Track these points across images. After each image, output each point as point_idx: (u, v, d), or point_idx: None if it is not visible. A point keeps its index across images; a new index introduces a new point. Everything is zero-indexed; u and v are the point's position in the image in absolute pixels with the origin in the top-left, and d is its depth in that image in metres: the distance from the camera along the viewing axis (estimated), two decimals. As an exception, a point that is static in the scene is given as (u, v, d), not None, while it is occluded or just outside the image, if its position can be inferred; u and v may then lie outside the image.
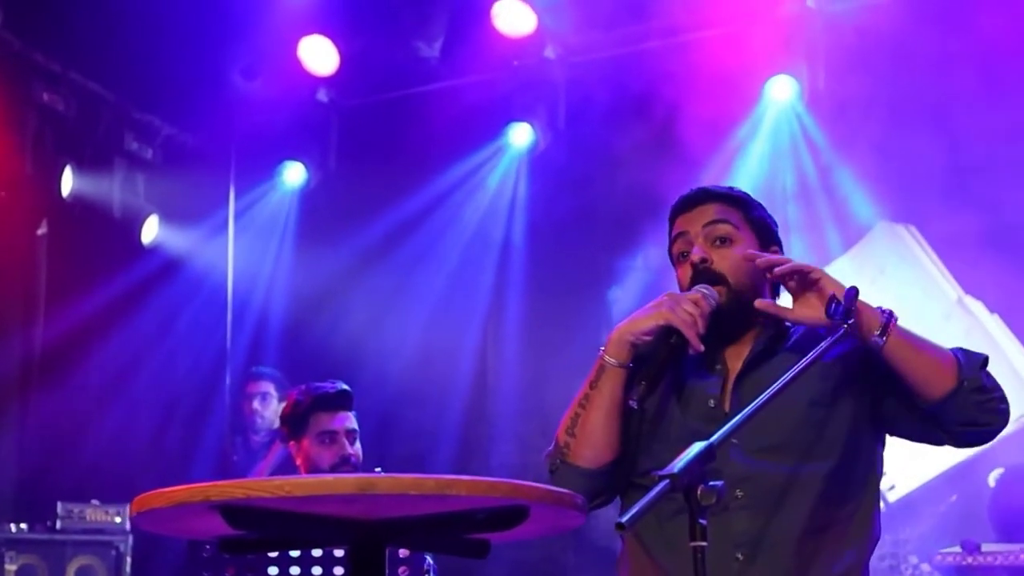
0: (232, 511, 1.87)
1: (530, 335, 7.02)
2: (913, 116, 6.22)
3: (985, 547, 4.78)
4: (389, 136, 7.22)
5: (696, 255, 2.68)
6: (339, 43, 6.95)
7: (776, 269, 2.55)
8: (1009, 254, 5.99)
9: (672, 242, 2.78)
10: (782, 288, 2.73)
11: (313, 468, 4.14)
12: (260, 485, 1.82)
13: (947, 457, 6.17)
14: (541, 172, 7.04)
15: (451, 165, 7.06)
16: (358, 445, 4.22)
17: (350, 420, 4.22)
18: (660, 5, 6.68)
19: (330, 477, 1.83)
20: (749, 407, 2.21)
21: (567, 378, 6.99)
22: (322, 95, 7.29)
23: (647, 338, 2.60)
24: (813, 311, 2.52)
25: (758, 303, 2.58)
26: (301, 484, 1.82)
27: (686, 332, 2.53)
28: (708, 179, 6.64)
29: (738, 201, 2.77)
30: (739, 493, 2.54)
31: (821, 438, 2.58)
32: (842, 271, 6.06)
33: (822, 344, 2.38)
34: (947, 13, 6.18)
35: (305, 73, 7.03)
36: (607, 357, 2.65)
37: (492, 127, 6.96)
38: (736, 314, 2.66)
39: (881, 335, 2.48)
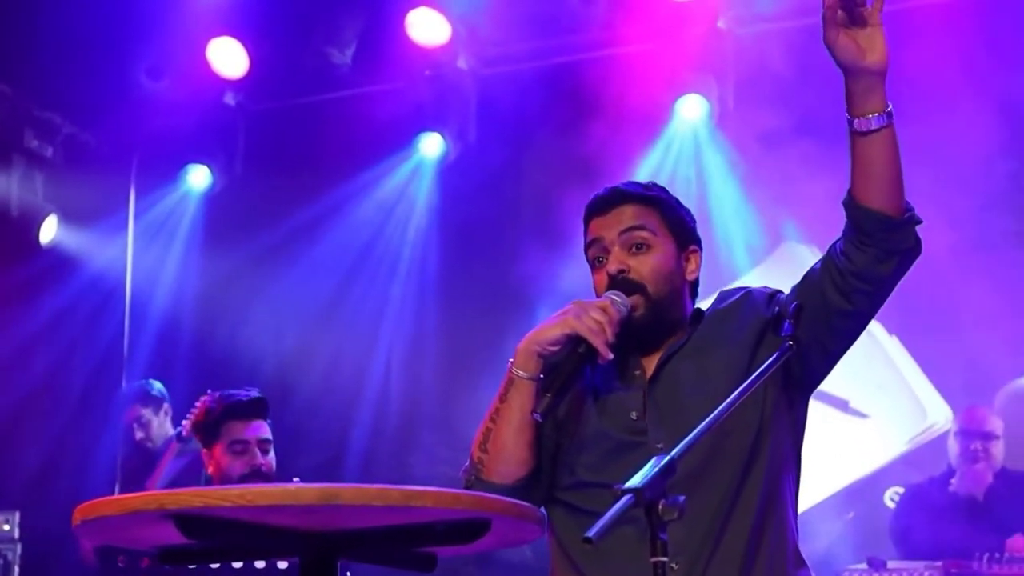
0: (187, 520, 1.82)
1: (440, 345, 6.99)
2: (819, 139, 6.32)
3: (891, 564, 4.86)
4: (298, 142, 7.15)
5: (613, 267, 2.62)
6: (249, 46, 6.85)
7: None
8: (907, 277, 6.13)
9: (588, 246, 2.71)
10: (699, 286, 2.72)
11: (224, 477, 4.06)
12: (220, 494, 1.78)
13: (843, 475, 6.29)
14: (451, 182, 7.02)
15: (361, 173, 7.01)
16: (271, 455, 4.15)
17: (263, 429, 4.14)
18: (573, 20, 6.72)
19: (292, 487, 1.78)
20: (703, 423, 2.20)
21: (475, 389, 7.03)
22: (229, 98, 7.17)
23: (554, 348, 2.54)
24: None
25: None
26: (263, 493, 1.78)
27: (593, 341, 2.48)
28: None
29: (655, 201, 2.69)
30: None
31: (743, 430, 2.54)
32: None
33: (767, 361, 2.38)
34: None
35: (213, 75, 6.91)
36: (515, 369, 2.59)
37: (402, 136, 6.92)
38: (654, 323, 2.62)
39: (887, 117, 2.42)
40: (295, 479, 3.96)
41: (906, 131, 2.54)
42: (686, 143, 6.75)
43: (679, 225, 2.70)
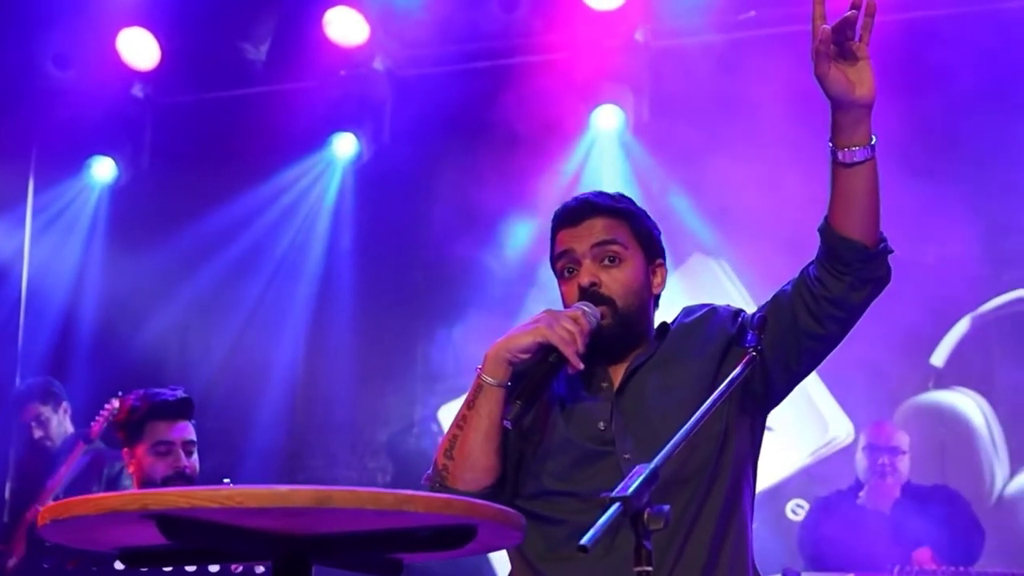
0: (170, 521, 1.76)
1: (346, 348, 6.93)
2: (732, 154, 6.40)
3: (804, 576, 4.93)
4: (208, 137, 7.01)
5: (585, 280, 2.61)
6: (161, 37, 6.72)
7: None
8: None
9: (557, 258, 2.70)
10: (660, 301, 2.73)
11: (146, 479, 3.95)
12: (207, 495, 1.72)
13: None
14: (365, 183, 6.96)
15: (273, 171, 6.91)
16: (195, 457, 4.05)
17: (188, 431, 4.04)
18: (493, 27, 6.71)
19: (285, 488, 1.72)
20: (680, 432, 2.19)
21: (380, 394, 7.00)
22: (138, 90, 7.01)
23: (524, 356, 2.52)
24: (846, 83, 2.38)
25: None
26: (252, 495, 1.72)
27: (564, 350, 2.46)
28: (532, 204, 6.71)
29: (625, 214, 2.69)
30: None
31: (708, 442, 2.55)
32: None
33: (734, 373, 2.39)
34: (765, 56, 6.38)
35: (123, 66, 6.76)
36: (484, 376, 2.55)
37: (316, 135, 6.84)
38: (621, 334, 2.62)
39: (871, 150, 2.43)
40: (226, 480, 3.87)
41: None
42: (601, 153, 6.79)
43: (648, 238, 2.71)
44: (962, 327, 6.50)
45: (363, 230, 6.98)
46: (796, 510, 6.32)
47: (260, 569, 3.33)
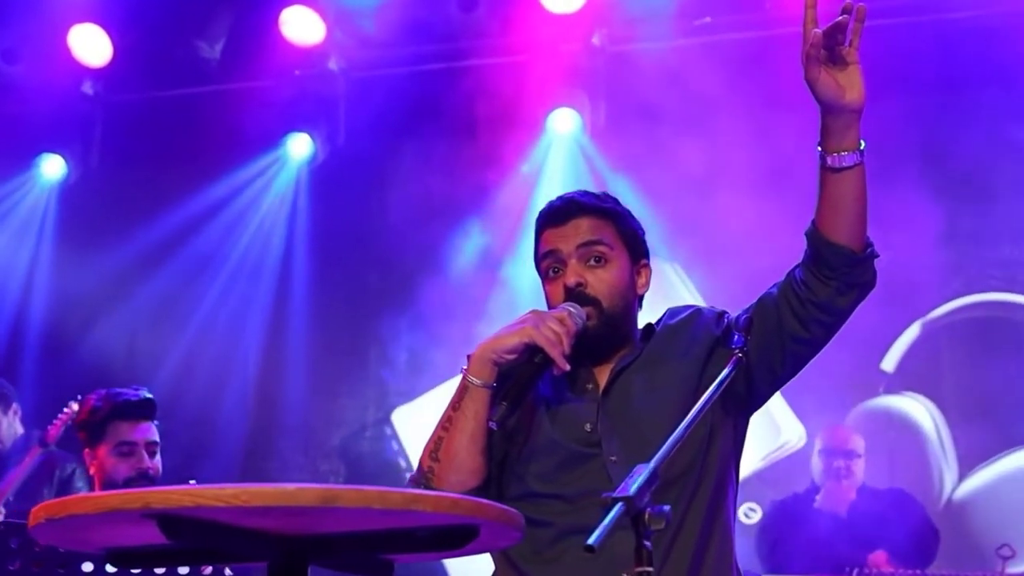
0: (172, 520, 1.73)
1: (301, 350, 6.88)
2: (687, 158, 6.43)
3: (764, 579, 4.95)
4: (161, 136, 6.92)
5: (571, 280, 2.60)
6: (113, 34, 6.63)
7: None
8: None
9: (542, 257, 2.69)
10: (644, 301, 2.73)
11: (108, 480, 3.89)
12: (213, 494, 1.69)
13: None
14: (320, 184, 6.91)
15: (227, 171, 6.85)
16: (158, 458, 4.00)
17: (151, 431, 3.99)
18: (450, 28, 6.70)
19: (292, 487, 1.70)
20: (674, 434, 2.19)
21: (333, 396, 6.95)
22: (88, 87, 6.92)
23: (510, 356, 2.50)
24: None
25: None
26: (259, 494, 1.69)
27: (551, 351, 2.45)
28: (488, 207, 6.71)
29: (610, 214, 2.68)
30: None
31: (693, 444, 2.54)
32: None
33: (723, 374, 2.39)
34: (720, 62, 6.42)
35: (73, 62, 6.67)
36: (470, 376, 2.54)
37: (270, 135, 6.79)
38: (606, 335, 2.61)
39: (860, 155, 2.43)
40: (191, 481, 3.81)
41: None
42: (557, 156, 6.79)
43: (633, 239, 2.70)
44: (912, 333, 6.57)
45: (318, 231, 6.94)
46: (749, 513, 6.35)
47: (228, 572, 3.29)
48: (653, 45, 6.69)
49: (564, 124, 6.68)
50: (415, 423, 6.87)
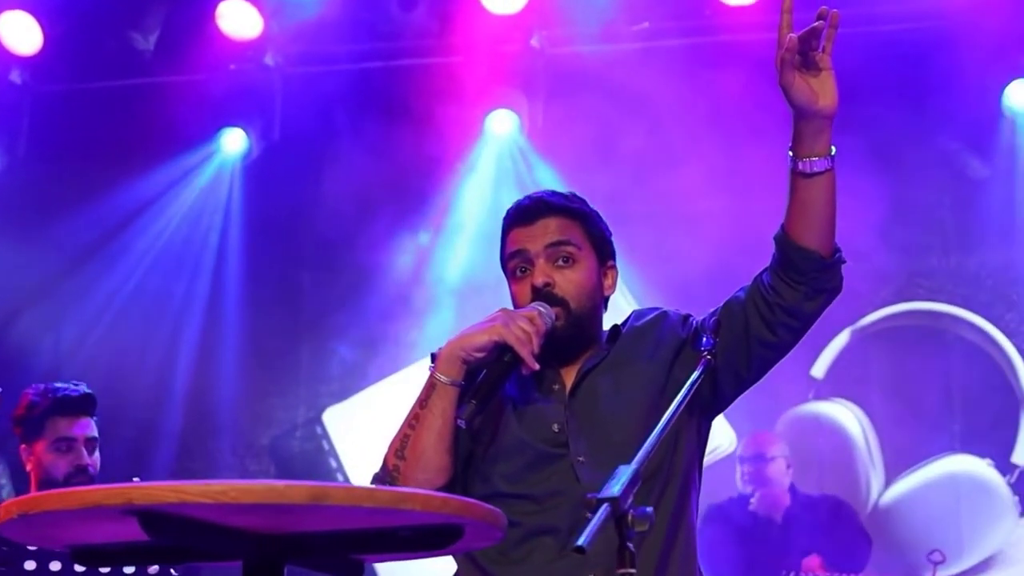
0: (154, 517, 1.68)
1: (231, 348, 6.78)
2: (624, 161, 6.45)
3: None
4: (91, 128, 6.76)
5: (539, 280, 2.60)
6: (44, 22, 6.47)
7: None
8: (703, 302, 6.31)
9: (509, 257, 2.68)
10: (609, 303, 2.73)
11: (46, 476, 3.80)
12: (199, 490, 1.64)
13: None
14: (253, 181, 6.83)
15: (159, 164, 6.71)
16: (97, 455, 3.91)
17: (91, 427, 3.90)
18: (390, 27, 6.66)
19: (281, 484, 1.66)
20: (653, 434, 2.18)
21: (264, 395, 6.86)
22: (16, 76, 6.75)
23: (479, 355, 2.50)
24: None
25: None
26: (247, 490, 1.65)
27: (520, 350, 2.45)
28: (424, 208, 6.68)
29: (578, 215, 2.68)
30: (589, 515, 2.49)
31: (661, 446, 2.53)
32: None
33: (693, 376, 2.40)
34: (658, 67, 6.45)
35: (2, 50, 6.51)
36: (438, 374, 2.52)
37: (204, 130, 6.68)
38: (574, 336, 2.61)
39: (831, 160, 2.45)
40: (135, 479, 3.73)
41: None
42: (495, 157, 6.78)
43: (600, 240, 2.70)
44: (842, 340, 6.65)
45: (251, 227, 6.85)
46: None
47: (174, 572, 3.24)
48: (592, 48, 6.70)
49: (502, 125, 6.66)
50: (346, 423, 6.81)
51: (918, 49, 6.28)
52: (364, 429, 6.71)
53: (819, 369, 6.63)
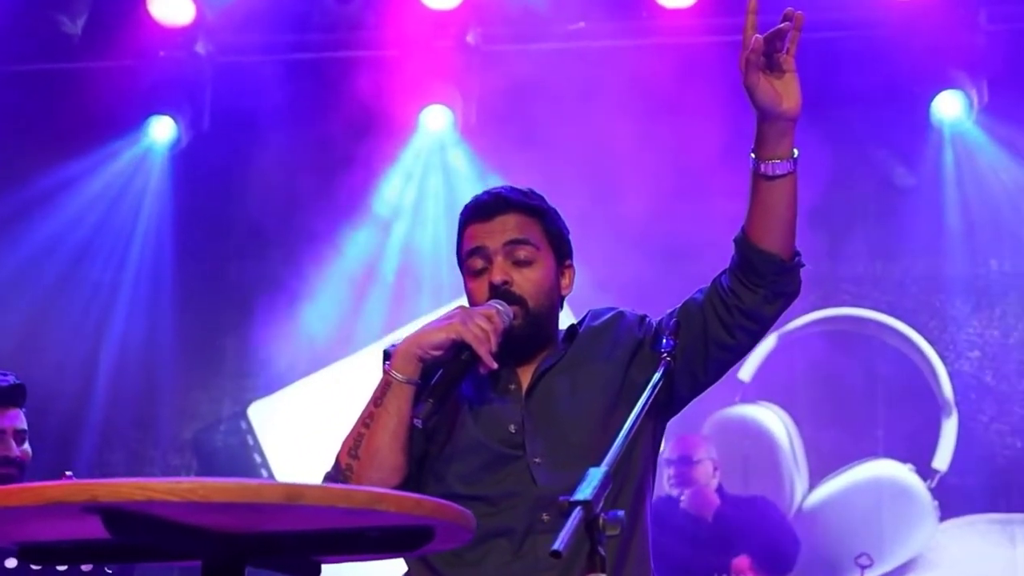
0: (118, 515, 1.63)
1: (152, 340, 6.66)
2: (556, 159, 6.43)
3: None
4: (16, 112, 6.59)
5: (498, 278, 2.56)
6: (-34, 4, 6.32)
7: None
8: (634, 305, 6.32)
9: (467, 253, 2.63)
10: (565, 303, 2.71)
11: (-27, 468, 3.69)
12: (167, 487, 1.59)
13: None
14: (182, 170, 6.71)
15: (86, 151, 6.57)
16: (27, 446, 3.81)
17: (19, 419, 3.79)
18: (325, 19, 6.60)
19: (255, 483, 1.62)
20: (620, 436, 2.15)
21: (185, 388, 6.74)
22: (-63, 58, 6.59)
23: (437, 353, 2.46)
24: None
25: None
26: (219, 489, 1.60)
27: (478, 349, 2.41)
28: (355, 203, 6.61)
29: (538, 212, 2.64)
30: (545, 517, 2.48)
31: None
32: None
33: (654, 378, 2.38)
34: (593, 66, 6.45)
35: (-77, 31, 6.35)
36: (393, 372, 2.48)
37: (132, 117, 6.55)
38: (531, 335, 2.58)
39: (793, 163, 2.44)
40: (67, 473, 3.63)
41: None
42: (428, 153, 6.74)
43: (559, 239, 2.67)
44: (769, 344, 6.69)
45: (179, 218, 6.73)
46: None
47: (109, 570, 3.15)
48: (528, 47, 6.69)
49: (436, 121, 6.62)
50: (272, 418, 6.73)
51: (848, 58, 6.34)
52: (290, 424, 6.64)
53: (746, 372, 6.67)
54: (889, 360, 6.70)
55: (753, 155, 2.47)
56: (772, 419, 6.69)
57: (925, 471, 6.53)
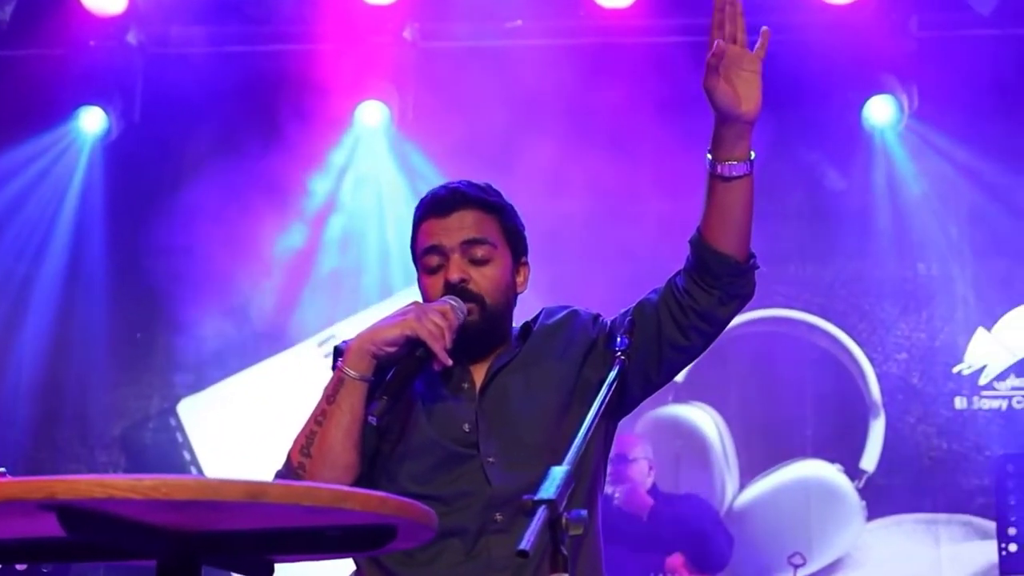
0: (75, 512, 1.58)
1: (82, 335, 6.55)
2: (492, 158, 6.41)
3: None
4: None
5: (455, 276, 2.52)
6: None
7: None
8: (570, 301, 6.31)
9: (423, 249, 2.59)
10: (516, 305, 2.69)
11: None
12: (128, 485, 1.55)
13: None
14: (113, 162, 6.60)
15: (13, 141, 6.45)
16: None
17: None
18: (259, 11, 6.53)
19: (216, 481, 1.58)
20: (577, 439, 2.14)
21: (114, 385, 6.63)
22: None
23: (391, 349, 2.42)
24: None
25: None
26: (181, 486, 1.56)
27: (433, 345, 2.38)
28: (289, 198, 6.55)
29: (495, 209, 2.61)
30: (499, 517, 2.46)
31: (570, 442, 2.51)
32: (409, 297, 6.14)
33: (610, 376, 2.37)
34: (530, 64, 6.44)
35: None
36: (346, 369, 2.43)
37: (62, 107, 6.43)
38: (486, 333, 2.56)
39: (750, 165, 2.43)
40: (1, 469, 3.54)
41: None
42: (364, 148, 6.69)
43: (516, 236, 2.64)
44: (702, 344, 6.72)
45: (110, 210, 6.62)
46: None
47: (45, 569, 3.09)
48: (465, 43, 6.67)
49: (372, 116, 6.57)
50: (201, 415, 6.64)
51: (780, 61, 6.35)
52: (220, 421, 6.57)
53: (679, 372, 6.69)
54: (819, 361, 6.77)
55: (709, 156, 2.47)
56: (704, 419, 6.74)
57: (853, 471, 6.61)
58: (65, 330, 6.53)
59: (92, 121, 6.47)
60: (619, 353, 2.44)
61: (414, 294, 2.73)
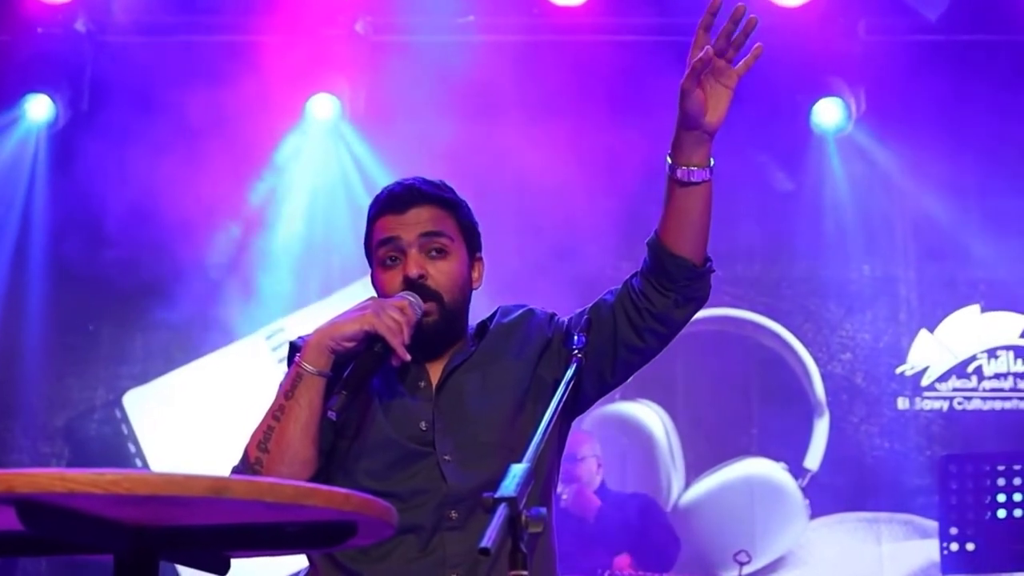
0: (35, 507, 1.57)
1: (34, 329, 6.46)
2: (443, 152, 6.41)
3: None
4: None
5: (413, 271, 2.52)
6: None
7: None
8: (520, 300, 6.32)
9: (379, 244, 2.58)
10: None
11: None
12: (89, 479, 1.53)
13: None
14: (60, 151, 6.52)
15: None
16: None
17: None
18: (209, 1, 6.46)
19: (180, 476, 1.57)
20: (536, 437, 2.14)
21: (62, 377, 6.56)
22: None
23: (349, 345, 2.42)
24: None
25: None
26: (144, 481, 1.55)
27: (391, 341, 2.38)
28: (238, 191, 6.51)
29: (451, 205, 2.60)
30: (454, 514, 2.46)
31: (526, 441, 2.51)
32: (358, 292, 6.12)
33: (567, 375, 2.38)
34: (480, 60, 6.43)
35: None
36: (305, 364, 2.42)
37: (8, 94, 6.36)
38: (444, 330, 2.55)
39: (710, 172, 2.43)
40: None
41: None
42: (314, 141, 6.67)
43: (470, 231, 2.64)
44: (649, 342, 6.75)
45: (55, 200, 6.54)
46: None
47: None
48: (416, 38, 6.65)
49: (323, 110, 6.55)
50: (147, 407, 6.59)
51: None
52: (166, 414, 6.52)
53: (626, 370, 6.72)
54: (764, 361, 6.83)
55: (669, 159, 2.47)
56: (651, 417, 6.77)
57: (797, 470, 6.67)
58: (10, 320, 6.44)
59: (39, 109, 6.40)
60: (576, 351, 2.45)
61: (363, 290, 2.72)
